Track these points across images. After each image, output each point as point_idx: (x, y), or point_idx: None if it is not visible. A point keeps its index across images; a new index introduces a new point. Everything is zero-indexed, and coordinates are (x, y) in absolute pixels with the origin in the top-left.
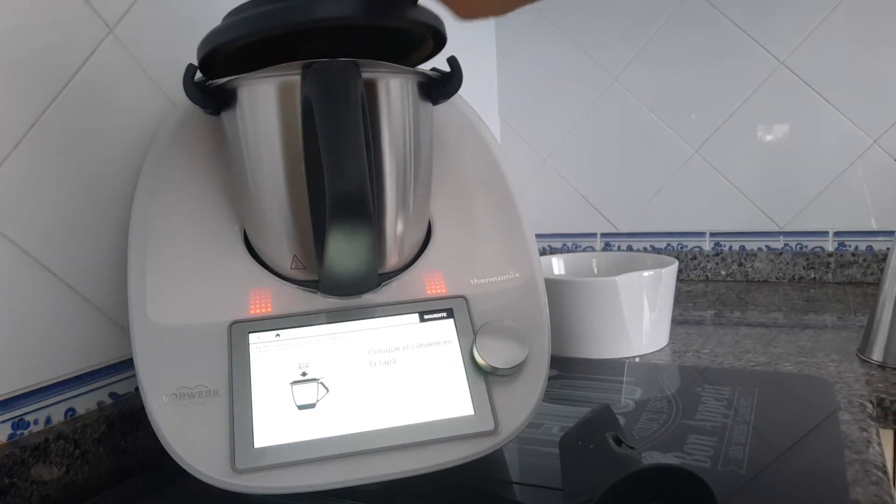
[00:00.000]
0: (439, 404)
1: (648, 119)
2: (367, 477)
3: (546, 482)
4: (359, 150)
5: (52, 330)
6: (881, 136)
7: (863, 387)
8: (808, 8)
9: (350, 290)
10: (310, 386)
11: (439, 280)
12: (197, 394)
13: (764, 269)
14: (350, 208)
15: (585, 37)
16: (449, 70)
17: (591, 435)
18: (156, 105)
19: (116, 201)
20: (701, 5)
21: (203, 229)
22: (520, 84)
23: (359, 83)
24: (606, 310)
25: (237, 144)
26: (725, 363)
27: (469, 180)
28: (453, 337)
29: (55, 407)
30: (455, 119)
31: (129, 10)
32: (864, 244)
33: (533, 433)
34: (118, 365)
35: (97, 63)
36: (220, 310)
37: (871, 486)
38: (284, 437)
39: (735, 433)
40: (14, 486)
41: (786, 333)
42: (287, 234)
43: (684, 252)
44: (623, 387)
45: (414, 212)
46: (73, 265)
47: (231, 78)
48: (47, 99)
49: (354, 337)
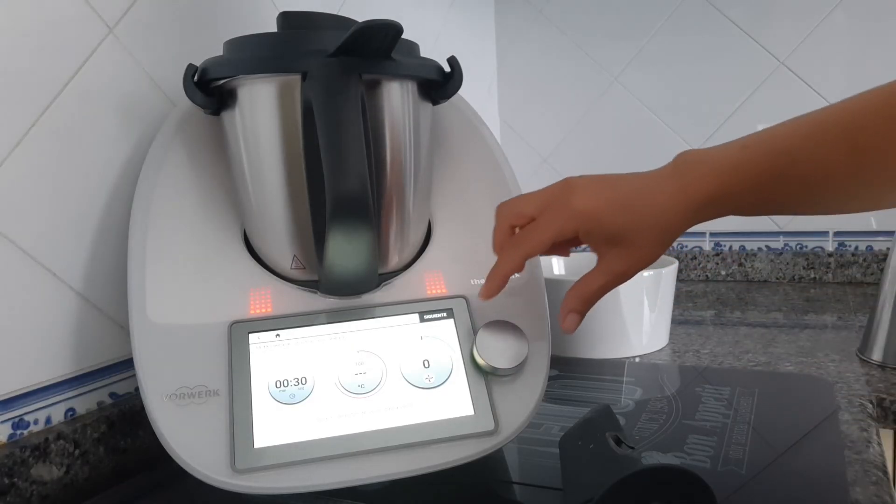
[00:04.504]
0: (439, 404)
1: (648, 119)
2: (367, 477)
3: (546, 482)
4: (359, 151)
5: (52, 330)
6: None
7: (863, 387)
8: (808, 8)
9: (350, 291)
10: (309, 386)
11: (439, 280)
12: (197, 394)
13: (764, 269)
14: (350, 208)
15: (585, 37)
16: (449, 70)
17: (591, 435)
18: (156, 105)
19: (116, 201)
20: (701, 5)
21: (203, 229)
22: (520, 84)
23: (359, 84)
24: (606, 310)
25: (237, 144)
26: (725, 363)
27: (469, 180)
28: (453, 337)
29: (55, 407)
30: (455, 119)
31: (129, 10)
32: (864, 244)
33: (533, 433)
34: (118, 365)
35: (97, 63)
36: (220, 310)
37: (871, 486)
38: (284, 437)
39: (735, 433)
40: (14, 486)
41: (786, 333)
42: (287, 234)
43: (684, 252)
44: (623, 387)
45: (414, 212)
46: (73, 265)
47: (231, 78)
48: (47, 99)
49: (354, 337)
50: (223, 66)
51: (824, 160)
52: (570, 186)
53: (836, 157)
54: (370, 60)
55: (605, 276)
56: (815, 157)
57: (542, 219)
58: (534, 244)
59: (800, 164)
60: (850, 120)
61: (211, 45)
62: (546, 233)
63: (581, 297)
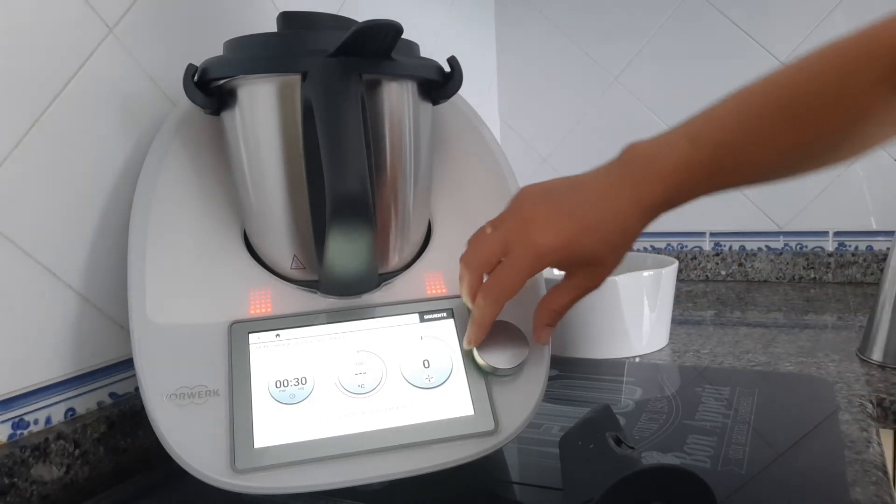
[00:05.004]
0: (439, 404)
1: (648, 119)
2: (367, 477)
3: (546, 482)
4: (359, 151)
5: (52, 330)
6: None
7: (863, 387)
8: (808, 8)
9: (350, 291)
10: (309, 386)
11: (439, 280)
12: (197, 394)
13: (764, 269)
14: (350, 208)
15: (585, 36)
16: (449, 70)
17: (591, 435)
18: (156, 105)
19: (116, 201)
20: (701, 5)
21: (203, 229)
22: (520, 84)
23: (359, 84)
24: (606, 310)
25: (237, 144)
26: (725, 363)
27: (469, 180)
28: (453, 337)
29: (55, 407)
30: (455, 119)
31: (129, 10)
32: (864, 244)
33: (533, 433)
34: (118, 365)
35: (97, 63)
36: (220, 310)
37: (871, 486)
38: (284, 437)
39: (735, 433)
40: (14, 486)
41: (786, 333)
42: (287, 234)
43: (684, 252)
44: (623, 387)
45: (414, 212)
46: (73, 265)
47: (231, 78)
48: (47, 99)
49: (354, 337)
50: (223, 66)
51: (772, 143)
52: (526, 221)
53: (783, 138)
54: (370, 60)
55: (576, 290)
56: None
57: (511, 263)
58: (508, 290)
59: (749, 152)
60: (792, 96)
61: (211, 45)
62: (518, 277)
63: (553, 311)
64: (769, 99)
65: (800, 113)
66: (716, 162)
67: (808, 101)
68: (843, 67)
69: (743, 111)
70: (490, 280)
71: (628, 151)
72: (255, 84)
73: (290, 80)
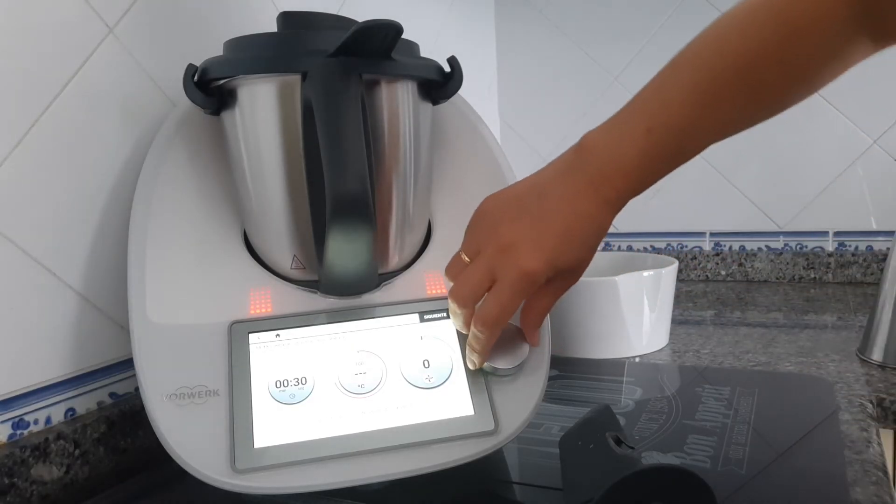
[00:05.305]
0: (439, 404)
1: None
2: (367, 477)
3: (546, 482)
4: (359, 151)
5: (52, 330)
6: (881, 136)
7: (863, 387)
8: None
9: (350, 291)
10: (309, 386)
11: (439, 280)
12: (197, 394)
13: (764, 269)
14: (350, 208)
15: (585, 36)
16: (449, 70)
17: (591, 435)
18: (156, 105)
19: (116, 201)
20: (701, 5)
21: (203, 229)
22: (520, 84)
23: (359, 84)
24: (606, 310)
25: (237, 144)
26: (725, 363)
27: (469, 180)
28: (453, 337)
29: (55, 407)
30: (455, 119)
31: (129, 10)
32: (864, 244)
33: (533, 433)
34: (118, 365)
35: (97, 63)
36: (220, 310)
37: (871, 486)
38: (284, 437)
39: (735, 433)
40: (14, 486)
41: (786, 333)
42: (287, 234)
43: (684, 252)
44: (623, 387)
45: (414, 212)
46: (73, 265)
47: (231, 78)
48: (48, 99)
49: (354, 337)
50: (223, 66)
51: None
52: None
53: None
54: (370, 60)
55: (559, 291)
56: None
57: (503, 290)
58: (505, 317)
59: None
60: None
61: (211, 45)
62: (512, 304)
63: (539, 314)
64: (726, 65)
65: (763, 78)
66: (676, 148)
67: (766, 63)
68: (802, 18)
69: (700, 84)
70: (484, 309)
71: (584, 143)
72: (256, 84)
73: (290, 80)
